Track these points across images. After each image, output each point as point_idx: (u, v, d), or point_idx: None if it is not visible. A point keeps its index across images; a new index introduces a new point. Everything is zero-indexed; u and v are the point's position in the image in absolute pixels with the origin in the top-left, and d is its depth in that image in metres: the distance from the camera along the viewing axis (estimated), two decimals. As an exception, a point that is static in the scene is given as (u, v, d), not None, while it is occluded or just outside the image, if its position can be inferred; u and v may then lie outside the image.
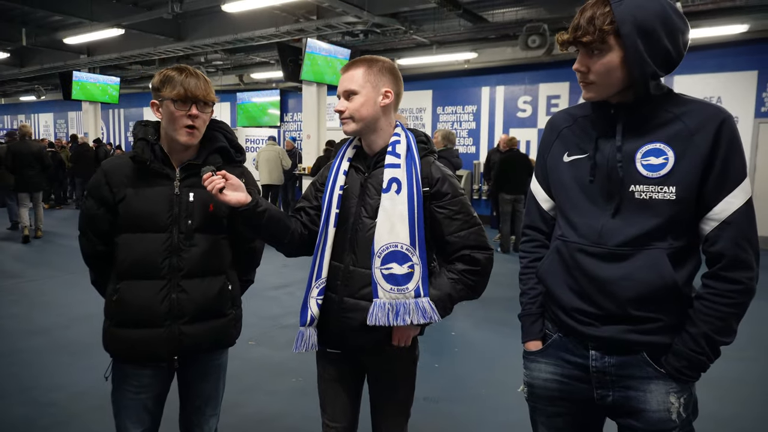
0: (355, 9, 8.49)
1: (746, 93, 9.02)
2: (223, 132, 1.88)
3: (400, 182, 1.63)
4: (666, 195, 1.29)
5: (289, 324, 4.78)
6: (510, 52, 10.78)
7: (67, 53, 13.17)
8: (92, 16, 9.68)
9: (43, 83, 17.71)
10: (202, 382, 1.93)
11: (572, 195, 1.43)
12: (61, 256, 7.55)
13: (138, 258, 1.73)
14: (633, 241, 1.32)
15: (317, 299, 1.71)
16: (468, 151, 11.86)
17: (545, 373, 1.51)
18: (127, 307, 1.74)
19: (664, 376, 1.34)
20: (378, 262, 1.63)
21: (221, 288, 1.84)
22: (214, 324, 1.84)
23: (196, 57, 13.38)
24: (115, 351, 1.81)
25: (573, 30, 1.30)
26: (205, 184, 1.61)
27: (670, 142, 1.29)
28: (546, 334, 1.53)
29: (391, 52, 11.52)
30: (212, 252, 1.81)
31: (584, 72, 1.32)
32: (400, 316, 1.61)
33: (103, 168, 1.79)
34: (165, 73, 1.72)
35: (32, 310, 5.11)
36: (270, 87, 14.81)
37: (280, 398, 3.35)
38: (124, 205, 1.73)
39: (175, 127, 1.71)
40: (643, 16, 1.24)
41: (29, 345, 4.18)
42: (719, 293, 1.29)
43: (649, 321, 1.33)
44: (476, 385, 3.54)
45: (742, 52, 8.89)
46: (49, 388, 3.40)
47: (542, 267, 1.51)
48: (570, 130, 1.47)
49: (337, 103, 1.70)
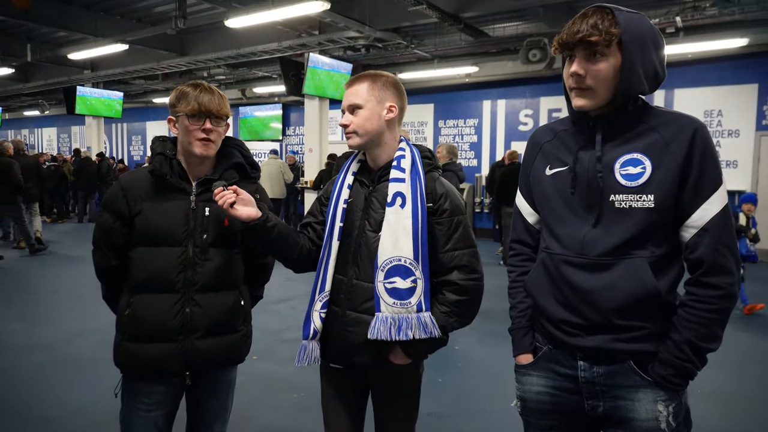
0: (356, 24, 8.56)
1: (747, 106, 9.04)
2: (239, 149, 1.91)
3: (405, 196, 1.64)
4: (645, 203, 1.31)
5: (291, 338, 4.75)
6: (511, 65, 10.84)
7: (71, 68, 13.26)
8: (96, 31, 9.78)
9: (47, 98, 17.82)
10: (212, 398, 1.92)
11: (555, 207, 1.45)
12: (63, 270, 7.54)
13: (153, 272, 1.74)
14: (614, 251, 1.34)
15: (320, 313, 1.71)
16: (470, 165, 11.87)
17: (537, 386, 1.51)
18: (141, 321, 1.74)
19: (652, 384, 1.34)
20: (381, 276, 1.62)
21: (234, 303, 1.85)
22: (227, 339, 1.84)
23: (199, 72, 13.47)
24: (127, 366, 1.80)
25: (575, 32, 1.30)
26: (216, 198, 1.63)
27: (646, 152, 1.32)
28: (536, 346, 1.53)
29: (393, 66, 11.59)
30: (226, 267, 1.82)
31: (582, 76, 1.32)
32: (403, 331, 1.61)
33: (120, 182, 1.81)
34: (181, 90, 1.76)
35: (33, 325, 5.09)
36: (272, 101, 14.89)
37: (282, 414, 3.32)
38: (140, 219, 1.75)
39: (190, 140, 1.74)
40: (640, 30, 1.29)
41: (30, 360, 4.15)
42: (701, 299, 1.31)
43: (634, 329, 1.34)
44: (480, 401, 3.51)
45: (742, 65, 8.93)
46: (50, 404, 3.37)
47: (529, 280, 1.52)
48: (551, 144, 1.50)
49: (342, 118, 1.71)
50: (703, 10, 7.53)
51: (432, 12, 7.58)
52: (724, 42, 7.99)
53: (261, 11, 7.51)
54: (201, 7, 9.25)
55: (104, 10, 9.92)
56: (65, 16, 9.57)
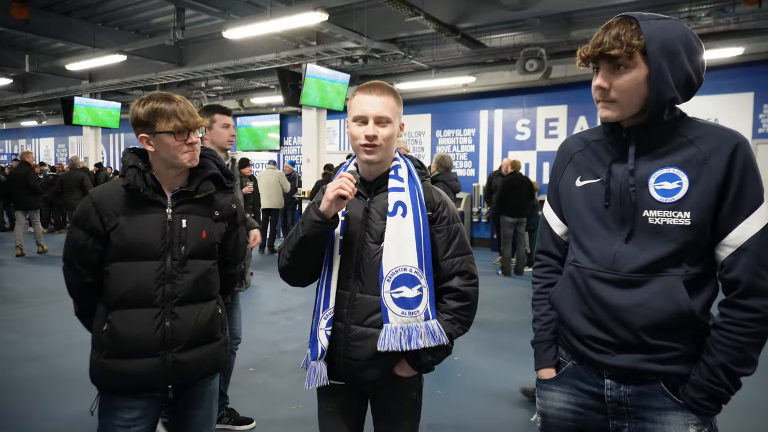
0: (354, 35, 8.60)
1: (743, 114, 9.09)
2: (212, 158, 1.89)
3: (405, 206, 1.63)
4: (680, 220, 1.26)
5: (288, 350, 4.71)
6: (508, 76, 10.89)
7: (69, 79, 13.30)
8: (95, 42, 9.81)
9: (45, 108, 17.84)
10: (196, 410, 1.89)
11: (585, 220, 1.40)
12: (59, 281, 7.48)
13: (131, 287, 1.71)
14: (647, 268, 1.29)
15: (326, 331, 1.66)
16: (467, 174, 11.88)
17: (559, 402, 1.46)
18: (120, 337, 1.71)
19: (683, 407, 1.29)
20: (387, 286, 1.60)
21: (213, 313, 1.85)
22: (208, 349, 1.83)
23: (197, 82, 13.50)
24: (106, 383, 1.76)
25: (597, 45, 1.26)
26: (341, 184, 1.55)
27: (683, 167, 1.27)
28: (560, 361, 1.49)
29: (390, 76, 11.63)
30: (204, 278, 1.81)
31: (606, 89, 1.28)
32: (413, 340, 1.59)
33: (91, 197, 1.75)
34: (153, 107, 1.69)
35: (28, 337, 5.04)
36: (270, 111, 14.92)
37: (279, 426, 3.28)
38: (116, 234, 1.71)
39: (176, 155, 1.72)
40: (669, 37, 1.24)
41: (24, 373, 4.11)
42: (736, 322, 1.25)
43: (665, 350, 1.29)
44: (479, 412, 3.48)
45: (738, 74, 8.99)
46: (44, 417, 3.33)
47: (555, 293, 1.48)
48: (582, 154, 1.45)
49: (369, 128, 1.60)
50: (699, 20, 7.59)
51: (429, 23, 7.62)
52: (720, 51, 8.04)
53: (259, 22, 7.54)
54: (199, 18, 9.30)
55: (103, 22, 9.96)
56: (64, 27, 9.60)
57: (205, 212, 1.82)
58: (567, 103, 10.62)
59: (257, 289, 6.98)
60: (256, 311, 5.89)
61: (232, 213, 1.91)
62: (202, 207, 1.82)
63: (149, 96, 1.74)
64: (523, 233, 8.33)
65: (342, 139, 14.05)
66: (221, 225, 1.87)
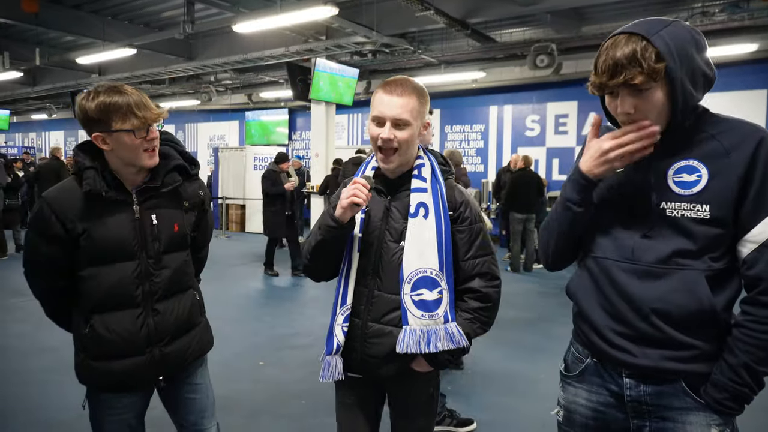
0: (364, 29, 8.57)
1: (756, 111, 8.99)
2: (172, 145, 1.79)
3: (428, 207, 1.60)
4: (699, 213, 1.23)
5: (298, 345, 4.72)
6: (518, 71, 10.83)
7: (79, 72, 13.35)
8: (104, 36, 9.83)
9: (54, 101, 17.93)
10: (191, 393, 1.89)
11: (602, 210, 1.38)
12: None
13: (109, 290, 1.65)
14: (665, 260, 1.27)
15: (343, 327, 1.66)
16: (476, 170, 11.84)
17: (583, 399, 1.45)
18: (104, 340, 1.67)
19: (705, 407, 1.27)
20: (408, 288, 1.59)
21: (192, 301, 1.86)
22: (191, 336, 1.84)
23: (206, 76, 13.52)
24: (94, 384, 1.74)
25: (611, 71, 1.21)
26: (357, 186, 1.54)
27: (704, 160, 1.24)
28: (579, 359, 1.47)
29: (400, 71, 11.60)
30: (181, 270, 1.81)
31: (632, 113, 1.24)
32: (432, 343, 1.58)
33: (47, 202, 1.61)
34: (104, 101, 1.55)
35: (39, 329, 5.07)
36: (279, 106, 14.92)
37: (288, 421, 3.29)
38: (85, 240, 1.62)
39: (136, 155, 1.62)
40: (681, 44, 1.20)
41: (36, 364, 4.14)
42: (758, 320, 1.23)
43: (685, 347, 1.27)
44: (488, 409, 3.47)
45: (750, 71, 8.89)
46: (56, 409, 3.36)
47: (572, 284, 1.46)
48: None
49: (385, 130, 1.56)
50: (712, 16, 7.51)
51: (439, 17, 7.58)
52: (733, 47, 7.96)
53: (269, 16, 7.52)
54: (209, 12, 9.29)
55: (112, 15, 9.98)
56: (74, 21, 9.63)
57: (173, 205, 1.76)
58: (577, 99, 10.55)
59: (268, 284, 7.07)
60: (264, 303, 5.92)
61: (200, 200, 1.87)
62: (169, 200, 1.75)
63: (96, 89, 1.59)
64: (532, 230, 8.29)
65: (351, 134, 14.04)
66: (191, 215, 1.83)
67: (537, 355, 4.52)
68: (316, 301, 6.06)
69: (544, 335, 5.06)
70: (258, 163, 12.89)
